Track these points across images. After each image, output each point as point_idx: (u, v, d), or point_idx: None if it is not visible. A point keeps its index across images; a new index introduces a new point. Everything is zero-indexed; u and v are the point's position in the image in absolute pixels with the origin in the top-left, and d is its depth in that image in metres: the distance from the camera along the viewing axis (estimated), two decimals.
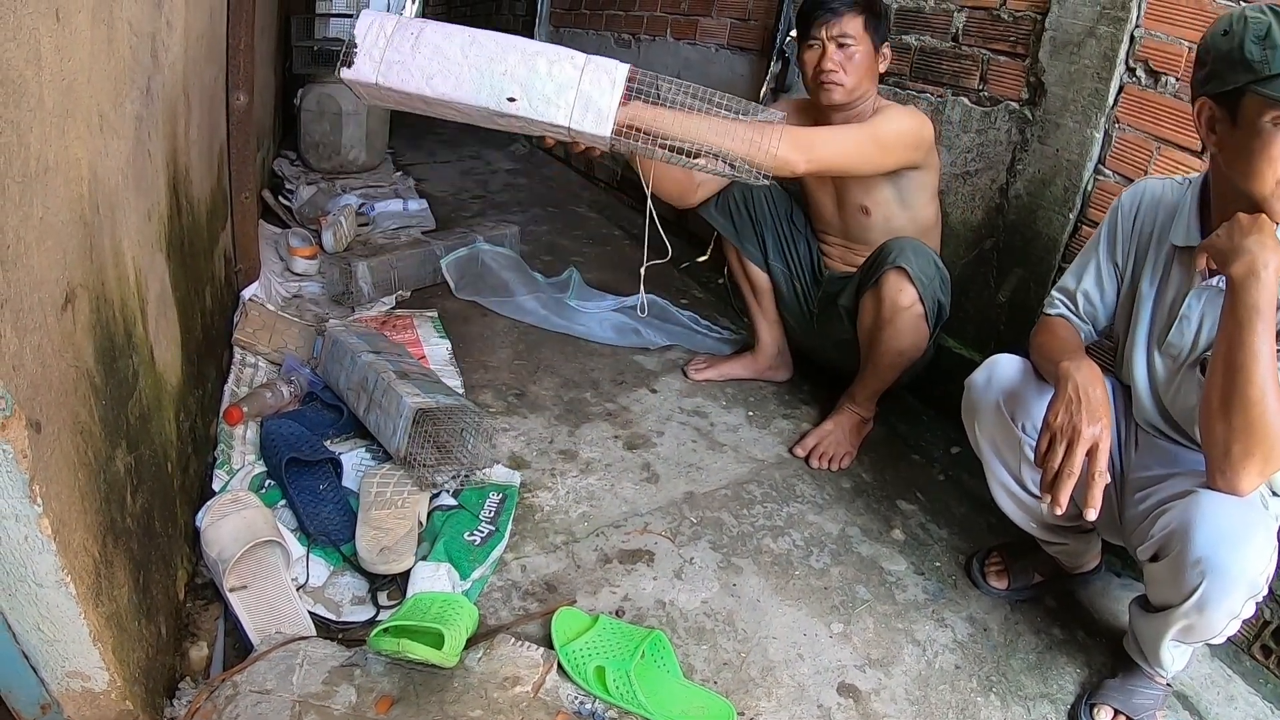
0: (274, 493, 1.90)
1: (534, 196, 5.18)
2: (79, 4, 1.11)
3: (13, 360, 0.88)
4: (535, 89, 1.62)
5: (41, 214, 0.97)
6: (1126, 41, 2.06)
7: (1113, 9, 2.07)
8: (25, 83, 0.92)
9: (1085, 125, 2.16)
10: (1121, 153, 2.13)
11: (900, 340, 2.29)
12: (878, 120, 2.22)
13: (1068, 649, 1.84)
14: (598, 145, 1.77)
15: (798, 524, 2.14)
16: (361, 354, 2.16)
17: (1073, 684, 1.75)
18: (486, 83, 1.64)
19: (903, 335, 2.28)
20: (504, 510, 1.96)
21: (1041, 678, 1.76)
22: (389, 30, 1.70)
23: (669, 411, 2.63)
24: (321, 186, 4.36)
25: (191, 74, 1.99)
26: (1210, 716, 1.72)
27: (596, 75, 1.62)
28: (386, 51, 1.68)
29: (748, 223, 2.61)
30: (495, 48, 1.65)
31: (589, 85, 1.62)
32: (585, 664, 1.54)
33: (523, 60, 1.63)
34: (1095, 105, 2.13)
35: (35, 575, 1.00)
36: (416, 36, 1.68)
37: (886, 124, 2.21)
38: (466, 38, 1.67)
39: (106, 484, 1.18)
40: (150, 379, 1.49)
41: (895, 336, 2.28)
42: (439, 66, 1.65)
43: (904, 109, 2.27)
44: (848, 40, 2.23)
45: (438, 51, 1.66)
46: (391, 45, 1.68)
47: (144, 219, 1.50)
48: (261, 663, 1.43)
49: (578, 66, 1.62)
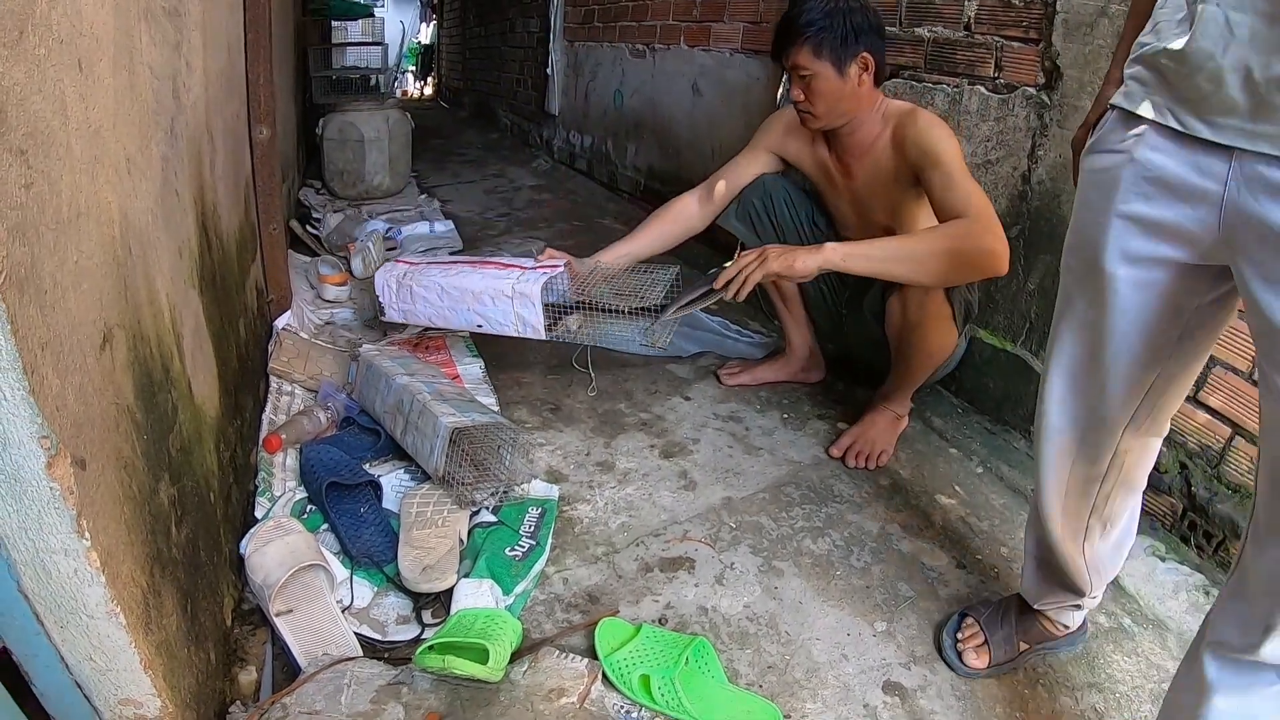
0: (316, 517, 1.93)
1: (559, 212, 5.21)
2: (100, 53, 1.14)
3: (56, 401, 0.91)
4: (490, 318, 2.34)
5: (76, 258, 1.00)
6: None
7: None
8: (53, 132, 0.95)
9: None
10: None
11: (928, 343, 2.28)
12: (947, 171, 2.11)
13: (1114, 637, 1.82)
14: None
15: (837, 524, 2.14)
16: (396, 377, 2.18)
17: (1120, 672, 1.74)
18: (461, 317, 2.43)
19: (930, 338, 2.26)
20: (544, 524, 1.97)
21: (1089, 667, 1.75)
22: (394, 288, 2.53)
23: (704, 418, 2.64)
24: (348, 214, 4.41)
25: (214, 111, 2.02)
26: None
27: (524, 302, 2.27)
28: (398, 302, 2.54)
29: (769, 228, 2.61)
30: (458, 294, 2.40)
31: (521, 309, 2.28)
32: (630, 673, 1.55)
33: (476, 300, 2.36)
34: None
35: (86, 607, 1.02)
36: (411, 293, 2.50)
37: (954, 170, 2.10)
38: (439, 289, 2.44)
39: (152, 516, 1.21)
40: (189, 412, 1.52)
41: (924, 339, 2.27)
42: (433, 311, 2.48)
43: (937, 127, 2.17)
44: (803, 71, 2.19)
45: (427, 302, 2.47)
46: (400, 298, 2.53)
47: (175, 256, 1.53)
48: (310, 684, 1.45)
49: (509, 298, 2.28)
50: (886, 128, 2.27)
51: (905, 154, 2.20)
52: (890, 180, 2.29)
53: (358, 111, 4.88)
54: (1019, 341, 2.51)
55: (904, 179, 2.25)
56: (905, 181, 2.25)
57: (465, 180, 6.15)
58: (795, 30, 2.16)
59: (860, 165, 2.35)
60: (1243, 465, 1.95)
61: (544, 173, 6.50)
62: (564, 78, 6.44)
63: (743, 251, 2.09)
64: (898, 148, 2.23)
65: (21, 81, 0.87)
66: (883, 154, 2.28)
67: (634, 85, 5.22)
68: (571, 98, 6.34)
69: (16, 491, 0.91)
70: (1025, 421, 2.51)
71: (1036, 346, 2.45)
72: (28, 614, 1.02)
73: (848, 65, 2.17)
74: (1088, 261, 1.29)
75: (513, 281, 2.20)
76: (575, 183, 6.05)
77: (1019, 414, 2.53)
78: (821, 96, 2.22)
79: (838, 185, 2.46)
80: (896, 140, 2.24)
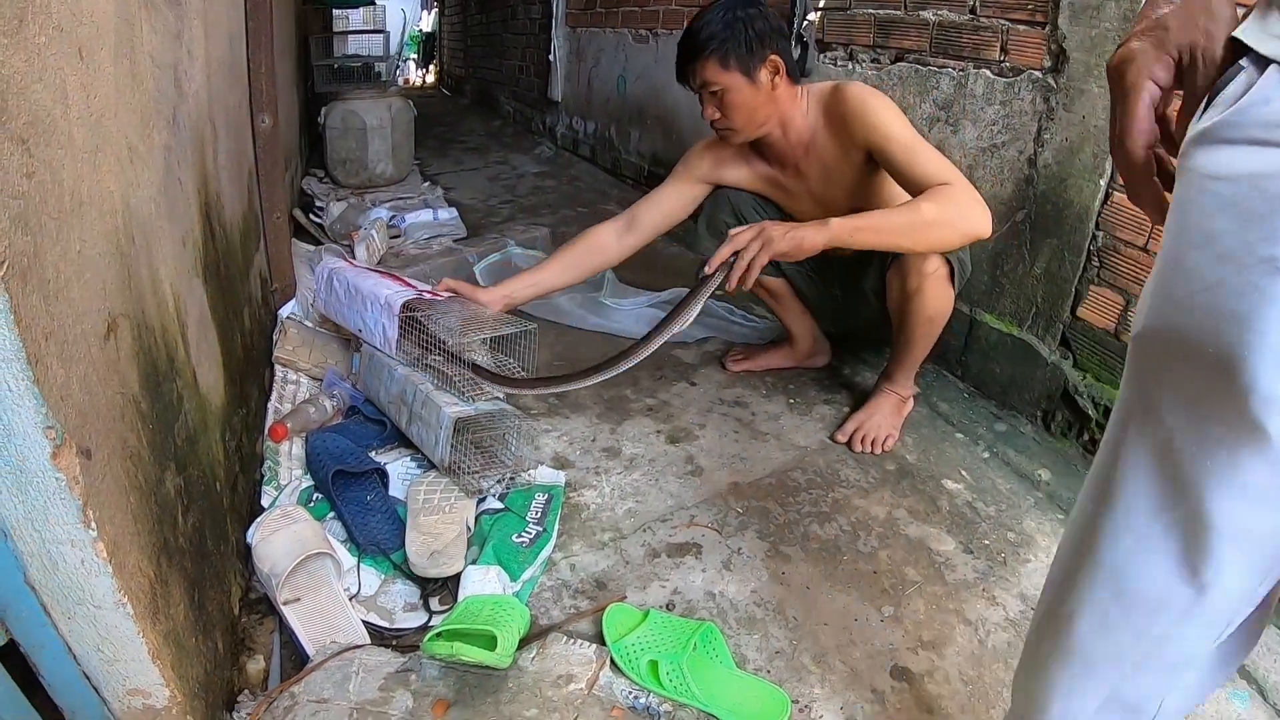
0: (322, 506, 1.93)
1: (563, 198, 5.21)
2: (101, 41, 1.14)
3: (60, 391, 0.91)
4: (366, 323, 2.31)
5: (79, 247, 1.00)
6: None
7: None
8: (54, 121, 0.95)
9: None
10: None
11: (929, 307, 2.25)
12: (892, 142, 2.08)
13: None
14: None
15: (844, 509, 2.14)
16: (398, 367, 2.18)
17: None
18: (350, 318, 2.40)
19: (930, 301, 2.24)
20: (550, 511, 1.97)
21: None
22: (324, 278, 2.52)
23: (709, 403, 2.63)
24: (351, 202, 4.40)
25: (216, 101, 2.02)
26: None
27: (389, 314, 2.20)
28: (323, 292, 2.54)
29: None
30: (355, 293, 2.36)
31: (386, 319, 2.21)
32: (638, 659, 1.55)
33: (363, 303, 2.32)
34: None
35: (93, 597, 1.02)
36: (331, 285, 2.49)
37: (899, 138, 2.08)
38: (346, 285, 2.41)
39: (158, 505, 1.21)
40: (195, 401, 1.52)
41: (924, 304, 2.25)
42: (338, 305, 2.45)
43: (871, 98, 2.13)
44: (712, 87, 2.16)
45: (336, 297, 2.46)
46: (324, 289, 2.53)
47: (179, 246, 1.52)
48: (318, 672, 1.46)
49: (381, 307, 2.23)
50: (818, 114, 2.24)
51: (849, 134, 2.17)
52: (841, 165, 2.25)
53: (360, 100, 4.87)
54: (1025, 326, 2.50)
55: (854, 159, 2.22)
56: (856, 161, 2.22)
57: (468, 168, 6.14)
58: (697, 46, 2.13)
59: (807, 161, 2.32)
60: None
61: (547, 159, 6.48)
62: (567, 64, 6.42)
63: (732, 231, 2.02)
64: (837, 129, 2.20)
65: (22, 70, 0.87)
66: (824, 142, 2.25)
67: (637, 71, 5.20)
68: (574, 84, 6.32)
69: (22, 482, 0.91)
70: (1031, 406, 2.50)
71: (1042, 331, 2.45)
72: (35, 605, 1.02)
73: (757, 72, 2.13)
74: (1213, 365, 0.71)
75: (389, 292, 2.19)
76: (579, 169, 6.04)
77: (1025, 399, 2.53)
78: (737, 109, 2.18)
79: (790, 190, 2.42)
80: (832, 122, 2.21)
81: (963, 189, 1.99)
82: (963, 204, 1.98)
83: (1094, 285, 2.28)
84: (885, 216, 2.01)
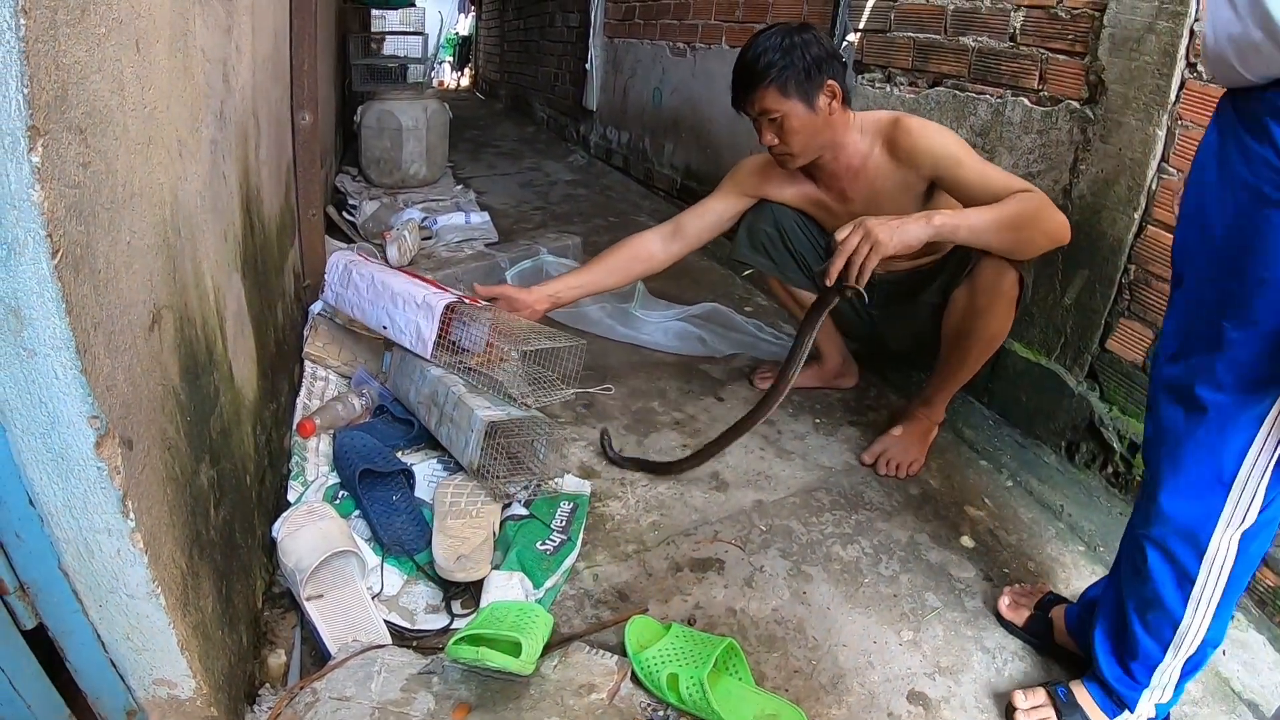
0: (348, 503, 1.94)
1: (595, 207, 5.22)
2: (157, 34, 1.15)
3: (106, 381, 0.92)
4: (395, 321, 2.25)
5: (129, 238, 1.01)
6: (1186, 36, 2.01)
7: (1172, 3, 2.02)
8: (110, 112, 0.96)
9: (1147, 123, 2.13)
10: (1185, 150, 2.08)
11: (992, 326, 2.23)
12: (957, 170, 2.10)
13: None
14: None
15: (866, 531, 2.13)
16: (430, 367, 2.18)
17: None
18: (375, 314, 2.32)
19: (995, 321, 2.22)
20: (575, 520, 1.98)
21: None
22: (340, 269, 2.48)
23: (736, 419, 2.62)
24: (384, 201, 4.42)
25: (260, 96, 2.03)
26: None
27: (426, 313, 2.16)
28: (337, 285, 2.48)
29: (785, 254, 2.57)
30: (382, 289, 2.30)
31: (421, 319, 2.17)
32: (659, 672, 1.54)
33: (392, 300, 2.26)
34: (1157, 102, 2.10)
35: (127, 587, 1.03)
36: (350, 278, 2.43)
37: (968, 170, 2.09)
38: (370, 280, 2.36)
39: (192, 498, 1.22)
40: (230, 394, 1.53)
41: (988, 324, 2.22)
42: (359, 300, 2.38)
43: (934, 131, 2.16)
44: (772, 114, 2.16)
45: (357, 291, 2.39)
46: (340, 281, 2.47)
47: (220, 239, 1.53)
48: (340, 670, 1.46)
49: (417, 306, 2.18)
50: (875, 143, 2.23)
51: (914, 166, 2.17)
52: (897, 194, 2.24)
53: (397, 100, 4.90)
54: (1053, 356, 2.49)
55: (913, 190, 2.22)
56: (915, 192, 2.22)
57: (501, 172, 6.16)
58: (757, 75, 2.12)
59: (855, 187, 2.31)
60: None
61: (580, 168, 6.50)
62: (603, 74, 6.43)
63: (839, 237, 1.98)
64: (899, 160, 2.20)
65: (82, 60, 0.88)
66: (879, 170, 2.25)
67: (673, 84, 5.20)
68: (610, 94, 6.34)
69: (63, 470, 0.92)
70: (1056, 436, 2.48)
71: (1070, 361, 2.43)
72: (66, 591, 1.03)
73: (816, 98, 2.13)
74: None
75: (426, 293, 2.18)
76: (611, 179, 6.05)
77: (1050, 428, 2.51)
78: (796, 134, 2.18)
79: (835, 212, 2.41)
80: (894, 153, 2.20)
81: (1041, 195, 2.00)
82: (1045, 207, 1.99)
83: (1124, 318, 2.26)
84: (980, 214, 2.00)
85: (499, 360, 2.17)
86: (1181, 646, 1.43)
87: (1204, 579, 1.35)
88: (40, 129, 0.79)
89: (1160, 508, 1.35)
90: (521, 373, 2.17)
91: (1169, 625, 1.41)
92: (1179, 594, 1.38)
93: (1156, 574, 1.38)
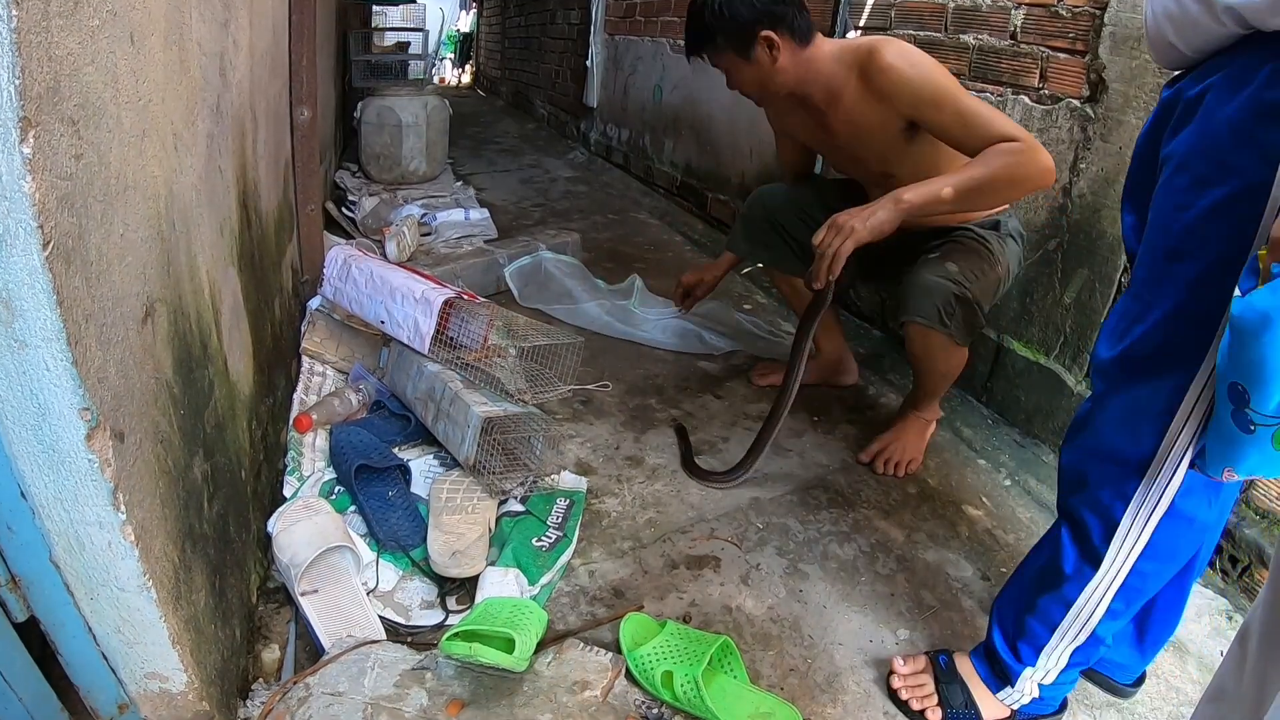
0: (343, 499, 1.93)
1: (594, 204, 5.22)
2: (152, 27, 1.14)
3: (98, 373, 0.91)
4: (394, 315, 2.26)
5: (122, 231, 1.01)
6: None
7: None
8: (104, 104, 0.95)
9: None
10: None
11: (940, 366, 2.26)
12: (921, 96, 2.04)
13: None
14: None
15: (863, 529, 2.13)
16: (428, 363, 2.18)
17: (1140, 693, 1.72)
18: (373, 308, 2.33)
19: (940, 363, 2.25)
20: (571, 516, 1.97)
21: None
22: (339, 263, 2.49)
23: (734, 417, 2.63)
24: (383, 198, 4.42)
25: (258, 91, 2.03)
26: None
27: (425, 308, 2.17)
28: (336, 279, 2.48)
29: (780, 242, 2.58)
30: (380, 283, 2.32)
31: (420, 314, 2.18)
32: (653, 669, 1.54)
33: (390, 295, 2.27)
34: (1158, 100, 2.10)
35: (118, 580, 1.03)
36: (349, 273, 2.43)
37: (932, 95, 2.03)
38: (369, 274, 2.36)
39: (185, 491, 1.22)
40: (225, 388, 1.53)
41: (934, 366, 2.27)
42: (357, 294, 2.39)
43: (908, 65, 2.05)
44: (720, 66, 2.23)
45: (355, 285, 2.40)
46: (339, 275, 2.47)
47: (216, 233, 1.53)
48: (334, 665, 1.46)
49: (415, 301, 2.20)
50: (850, 74, 2.16)
51: (889, 103, 2.10)
52: (875, 130, 2.18)
53: (397, 96, 4.89)
54: (1052, 355, 2.49)
55: (891, 127, 2.15)
56: (893, 129, 2.15)
57: (501, 169, 6.16)
58: (692, 41, 2.22)
59: (835, 119, 2.25)
60: (1272, 492, 1.92)
61: (580, 164, 6.50)
62: (603, 71, 6.43)
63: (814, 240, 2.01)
64: (874, 96, 2.13)
65: (75, 51, 0.87)
66: (855, 105, 2.18)
67: (674, 81, 5.20)
68: (610, 91, 6.33)
69: (54, 462, 0.92)
70: (1055, 435, 2.48)
71: (1070, 361, 2.43)
72: (58, 583, 1.03)
73: (751, 52, 2.13)
74: None
75: (424, 288, 2.19)
76: (611, 176, 6.05)
77: (1049, 427, 2.51)
78: (745, 84, 2.23)
79: (823, 141, 2.40)
80: (868, 88, 2.13)
81: (1029, 145, 1.93)
82: (1026, 161, 1.92)
83: None
84: (952, 181, 1.96)
85: (496, 356, 2.17)
86: (1069, 632, 1.43)
87: (1108, 562, 1.33)
88: (32, 120, 0.79)
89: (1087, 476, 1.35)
90: (519, 369, 2.17)
91: (1061, 606, 1.41)
92: (1081, 572, 1.37)
93: (1065, 546, 1.38)
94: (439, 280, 2.33)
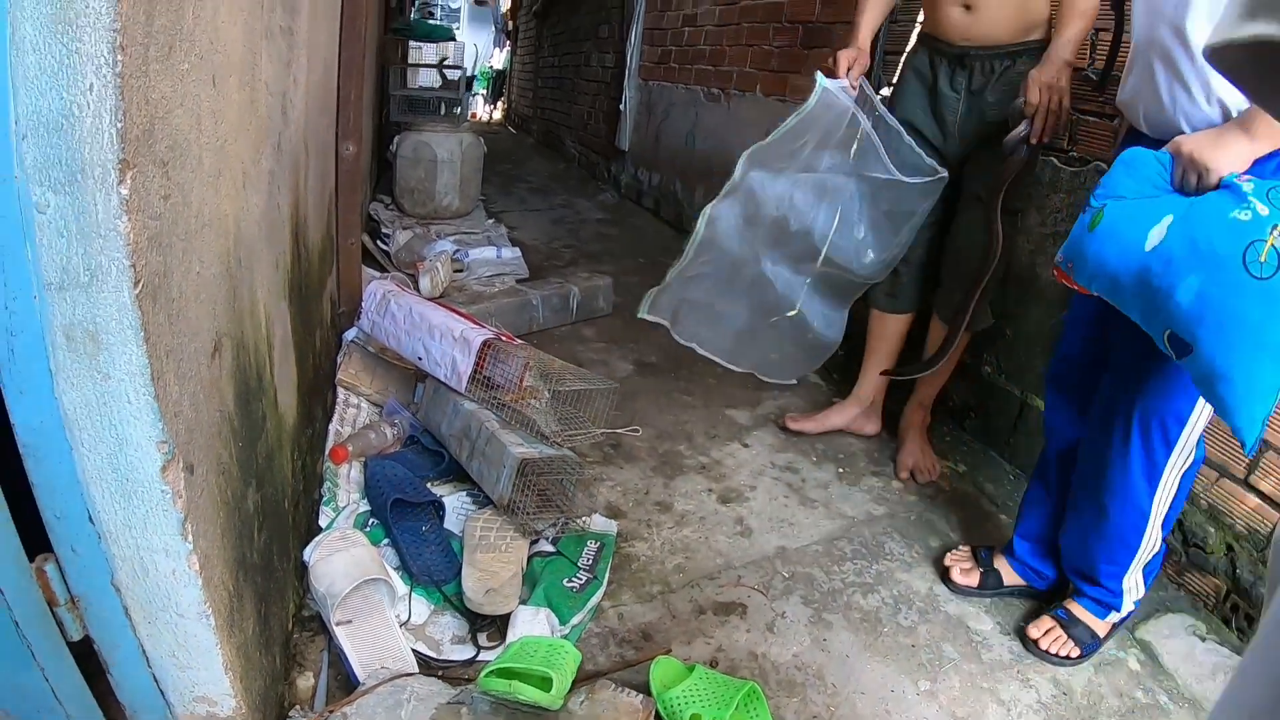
0: (377, 531, 1.96)
1: (625, 247, 5.24)
2: (230, 69, 1.19)
3: (174, 407, 0.95)
4: (431, 352, 2.31)
5: (198, 268, 1.04)
6: None
7: None
8: (189, 145, 1.00)
9: None
10: None
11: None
12: None
13: (1149, 713, 1.81)
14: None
15: (887, 581, 2.14)
16: (464, 401, 2.21)
17: None
18: (411, 344, 2.39)
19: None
20: (601, 559, 1.99)
21: None
22: (378, 298, 2.56)
23: (761, 466, 2.65)
24: (417, 232, 4.47)
25: (310, 127, 2.08)
26: None
27: (463, 347, 2.22)
28: (374, 313, 2.56)
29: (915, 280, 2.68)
30: (419, 320, 2.38)
31: (458, 353, 2.23)
32: (682, 711, 1.56)
33: (429, 332, 2.33)
34: None
35: (178, 606, 1.05)
36: (388, 307, 2.51)
37: None
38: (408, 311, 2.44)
39: (241, 521, 1.25)
40: (274, 420, 1.56)
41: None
42: (395, 329, 2.46)
43: None
44: None
45: (394, 320, 2.47)
46: (377, 310, 2.55)
47: (272, 268, 1.57)
48: (370, 696, 1.48)
49: (454, 339, 2.24)
50: None
51: None
52: None
53: (433, 132, 4.96)
54: None
55: None
56: None
57: (532, 208, 6.21)
58: None
59: None
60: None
61: (610, 206, 6.54)
62: (636, 115, 6.49)
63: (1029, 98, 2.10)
64: None
65: (168, 95, 0.92)
66: None
67: (707, 129, 5.24)
68: (643, 134, 6.39)
69: (127, 490, 0.95)
70: None
71: None
72: (117, 606, 1.06)
73: None
74: None
75: (464, 327, 2.24)
76: (641, 219, 6.09)
77: None
78: None
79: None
80: None
81: None
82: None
83: None
84: (1076, 36, 2.11)
85: (531, 397, 2.20)
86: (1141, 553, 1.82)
87: (1167, 474, 1.68)
88: (130, 162, 0.83)
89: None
90: (552, 411, 2.20)
91: (1135, 534, 1.79)
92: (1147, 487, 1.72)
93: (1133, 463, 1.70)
94: (476, 319, 2.36)
